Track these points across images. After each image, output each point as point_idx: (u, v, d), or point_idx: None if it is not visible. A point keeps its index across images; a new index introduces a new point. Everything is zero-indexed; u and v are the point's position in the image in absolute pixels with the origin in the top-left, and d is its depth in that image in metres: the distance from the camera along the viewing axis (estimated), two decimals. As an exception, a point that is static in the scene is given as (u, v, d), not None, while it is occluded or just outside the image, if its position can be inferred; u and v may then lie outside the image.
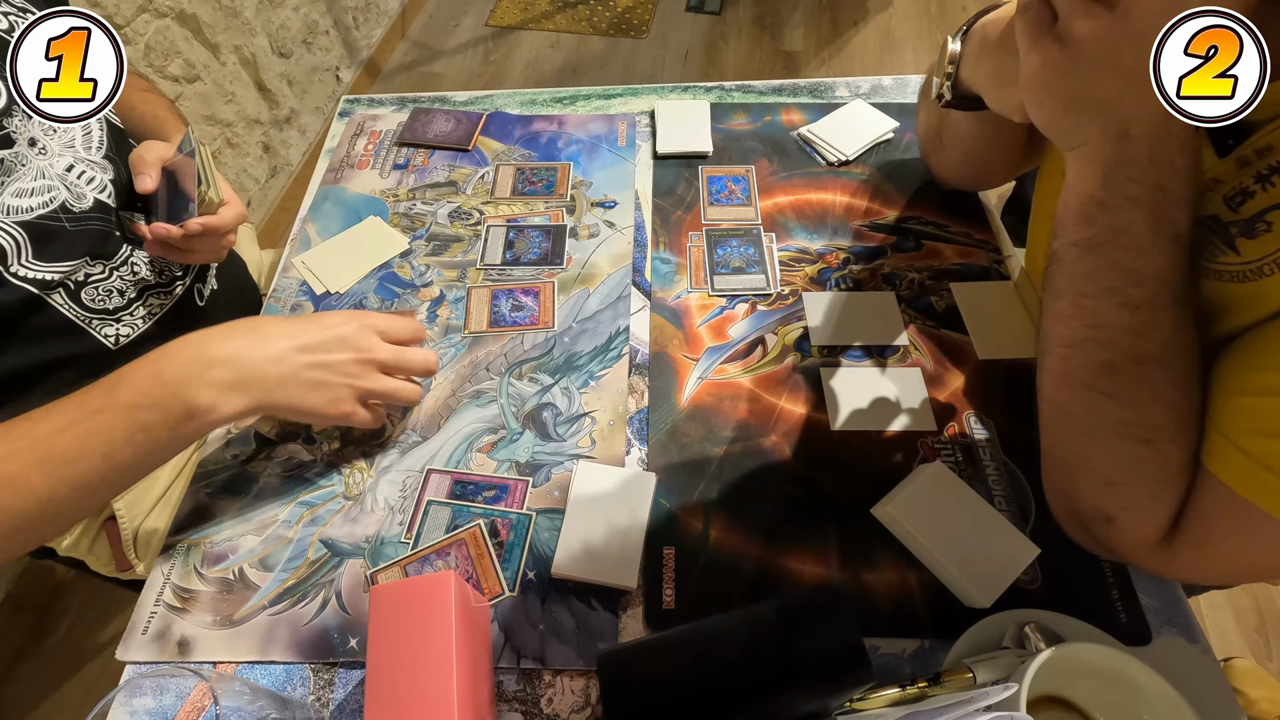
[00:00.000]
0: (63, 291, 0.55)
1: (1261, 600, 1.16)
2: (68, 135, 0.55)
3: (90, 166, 0.56)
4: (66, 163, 0.55)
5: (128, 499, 0.64)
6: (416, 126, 0.79)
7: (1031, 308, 0.60)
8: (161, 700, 0.45)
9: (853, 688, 0.38)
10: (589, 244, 0.68)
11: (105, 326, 0.59)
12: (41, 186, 0.52)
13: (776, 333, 0.61)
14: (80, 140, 0.56)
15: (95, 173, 0.56)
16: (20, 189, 0.51)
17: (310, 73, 1.80)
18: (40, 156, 0.53)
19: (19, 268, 0.52)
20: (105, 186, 0.57)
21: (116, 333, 0.60)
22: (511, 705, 0.44)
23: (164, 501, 0.66)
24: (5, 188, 0.50)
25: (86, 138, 0.57)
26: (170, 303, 0.64)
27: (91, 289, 0.57)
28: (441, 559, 0.50)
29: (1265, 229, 0.36)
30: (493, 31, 2.31)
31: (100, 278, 0.57)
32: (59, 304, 0.55)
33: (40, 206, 0.52)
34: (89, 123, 0.57)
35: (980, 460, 0.53)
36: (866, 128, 0.75)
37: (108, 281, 0.58)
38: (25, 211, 0.51)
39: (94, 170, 0.56)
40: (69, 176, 0.54)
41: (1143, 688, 0.38)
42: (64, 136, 0.55)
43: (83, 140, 0.56)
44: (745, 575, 0.48)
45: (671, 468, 0.54)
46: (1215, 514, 0.39)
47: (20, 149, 0.51)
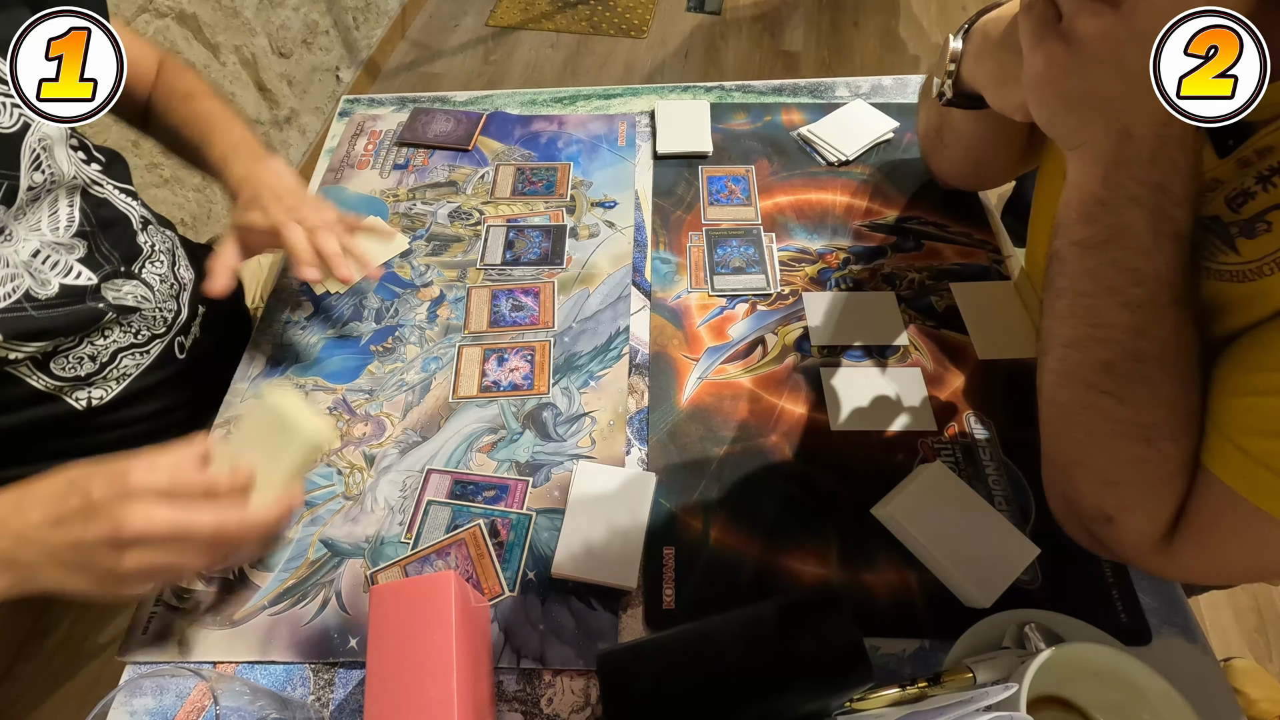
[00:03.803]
0: (29, 364, 0.53)
1: (1261, 600, 1.16)
2: (35, 218, 0.52)
3: (56, 250, 0.53)
4: (33, 248, 0.51)
5: None
6: (416, 126, 0.79)
7: (1031, 308, 0.60)
8: (161, 700, 0.45)
9: (852, 687, 0.38)
10: (589, 244, 0.68)
11: (77, 391, 0.57)
12: (4, 275, 0.49)
13: (776, 333, 0.61)
14: (47, 222, 0.52)
15: (61, 255, 0.53)
16: None
17: (310, 73, 1.80)
18: (6, 244, 0.50)
19: None
20: (71, 268, 0.54)
21: (89, 395, 0.58)
22: (511, 705, 0.44)
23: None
24: None
25: (53, 218, 0.53)
26: (147, 361, 0.61)
27: (61, 359, 0.55)
28: (441, 559, 0.50)
29: (1265, 229, 0.36)
30: (493, 31, 2.31)
31: (70, 346, 0.55)
32: (26, 376, 0.53)
33: (3, 297, 0.49)
34: (57, 204, 0.53)
35: (980, 460, 0.53)
36: (866, 128, 0.75)
37: (78, 349, 0.56)
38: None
39: (59, 253, 0.53)
40: (34, 263, 0.51)
41: (1143, 688, 0.38)
42: (31, 219, 0.51)
43: (49, 222, 0.53)
44: (745, 575, 0.48)
45: (671, 468, 0.54)
46: (1215, 514, 0.39)
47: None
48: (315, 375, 0.60)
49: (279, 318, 0.64)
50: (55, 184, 0.52)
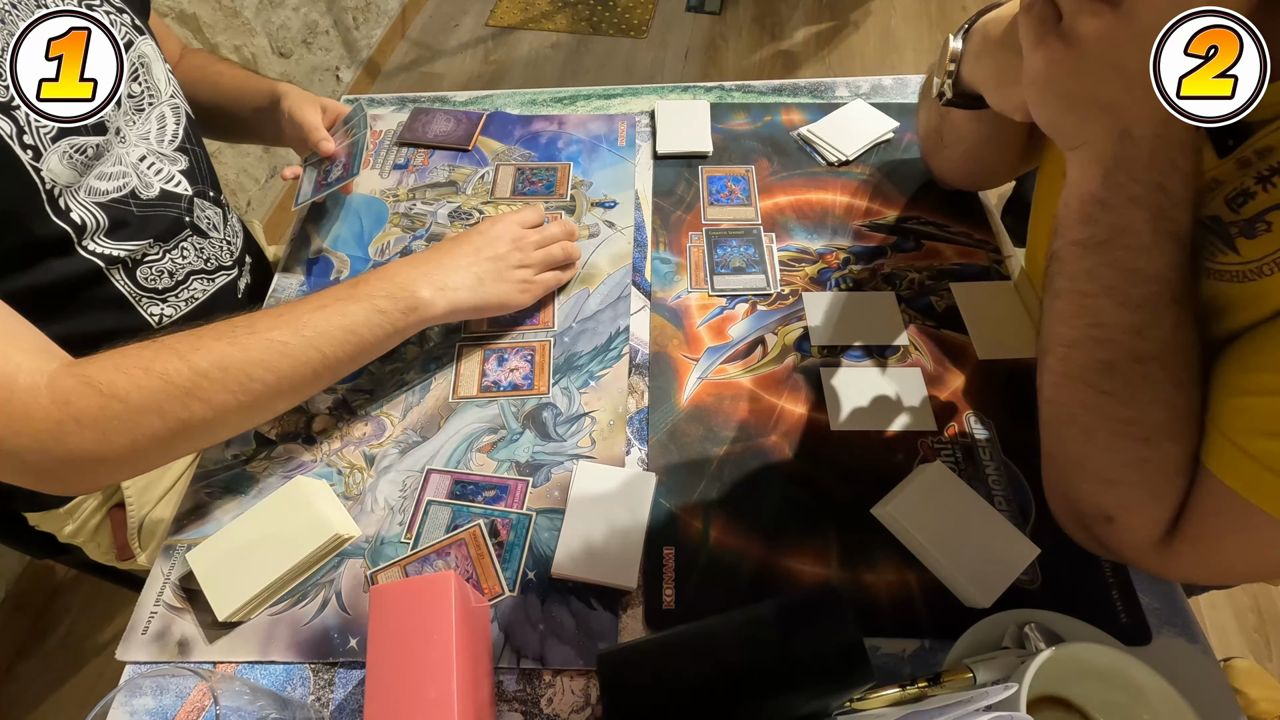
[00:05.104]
0: (121, 269, 0.58)
1: (1261, 600, 1.16)
2: (144, 128, 0.59)
3: (159, 159, 0.60)
4: (140, 153, 0.58)
5: (138, 485, 0.64)
6: (416, 126, 0.79)
7: (1031, 308, 0.60)
8: (161, 700, 0.45)
9: (853, 688, 0.38)
10: (589, 244, 0.68)
11: (153, 305, 0.62)
12: (118, 172, 0.56)
13: (776, 333, 0.61)
14: (155, 133, 0.60)
15: (164, 164, 0.60)
16: (102, 173, 0.55)
17: (310, 73, 1.80)
18: (121, 145, 0.57)
19: (91, 243, 0.55)
20: (173, 177, 0.61)
21: (161, 312, 0.62)
22: (511, 705, 0.44)
23: (173, 492, 0.66)
24: (91, 171, 0.54)
25: (161, 130, 0.61)
26: (212, 289, 0.66)
27: (146, 268, 0.60)
28: (441, 559, 0.50)
29: (1265, 229, 0.36)
30: (493, 31, 2.31)
31: (155, 259, 0.61)
32: (116, 280, 0.58)
33: (115, 191, 0.56)
34: (164, 115, 0.61)
35: (980, 460, 0.53)
36: (866, 128, 0.75)
37: (160, 263, 0.61)
38: (102, 194, 0.55)
39: (162, 162, 0.60)
40: (140, 166, 0.58)
41: (1143, 688, 0.38)
42: (140, 128, 0.59)
43: (156, 133, 0.60)
44: (745, 575, 0.48)
45: (671, 468, 0.54)
46: (1215, 514, 0.39)
47: (110, 137, 0.55)
48: (315, 375, 0.60)
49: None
50: (155, 99, 0.60)
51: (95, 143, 0.53)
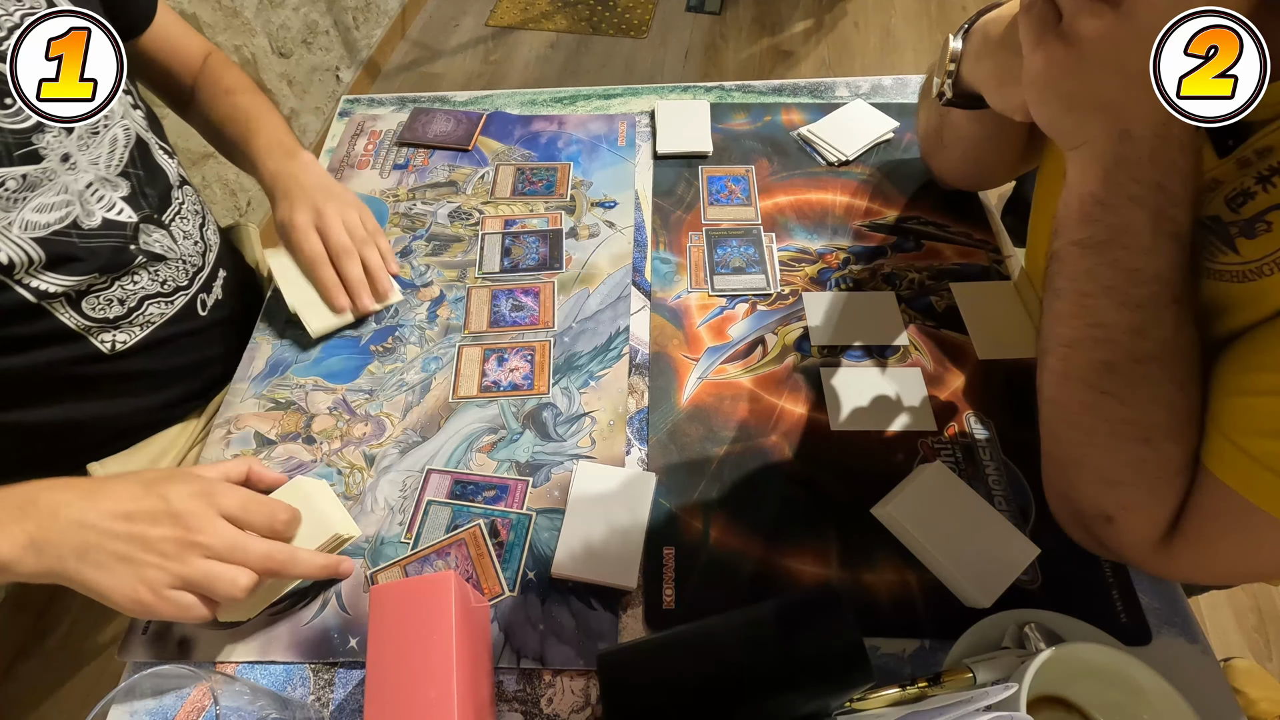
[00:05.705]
0: (64, 301, 0.55)
1: (1261, 600, 1.16)
2: (96, 152, 0.55)
3: (104, 185, 0.56)
4: (88, 179, 0.55)
5: None
6: (416, 126, 0.79)
7: (1031, 308, 0.60)
8: (161, 700, 0.45)
9: (852, 687, 0.38)
10: (589, 244, 0.68)
11: (104, 334, 0.59)
12: (60, 202, 0.53)
13: (776, 333, 0.61)
14: (105, 157, 0.56)
15: (105, 191, 0.56)
16: (41, 204, 0.51)
17: (310, 73, 1.80)
18: (69, 173, 0.53)
19: (28, 278, 0.52)
20: (114, 204, 0.57)
21: (114, 339, 0.59)
22: (511, 705, 0.44)
23: None
24: (28, 203, 0.50)
25: (110, 154, 0.56)
26: (171, 311, 0.63)
27: (93, 298, 0.57)
28: (441, 559, 0.50)
29: (1265, 229, 0.36)
30: (493, 31, 2.31)
31: (103, 287, 0.57)
32: (60, 313, 0.55)
33: (56, 223, 0.52)
34: (116, 138, 0.57)
35: (980, 460, 0.53)
36: (866, 128, 0.75)
37: (109, 291, 0.58)
38: (41, 228, 0.52)
39: (105, 188, 0.56)
40: (85, 194, 0.55)
41: (1143, 688, 0.38)
42: (92, 153, 0.55)
43: (106, 157, 0.56)
44: (745, 575, 0.48)
45: (671, 468, 0.54)
46: (1215, 514, 0.39)
47: (50, 164, 0.52)
48: (315, 375, 0.60)
49: (279, 317, 0.64)
50: (109, 120, 0.56)
51: (21, 174, 0.49)
